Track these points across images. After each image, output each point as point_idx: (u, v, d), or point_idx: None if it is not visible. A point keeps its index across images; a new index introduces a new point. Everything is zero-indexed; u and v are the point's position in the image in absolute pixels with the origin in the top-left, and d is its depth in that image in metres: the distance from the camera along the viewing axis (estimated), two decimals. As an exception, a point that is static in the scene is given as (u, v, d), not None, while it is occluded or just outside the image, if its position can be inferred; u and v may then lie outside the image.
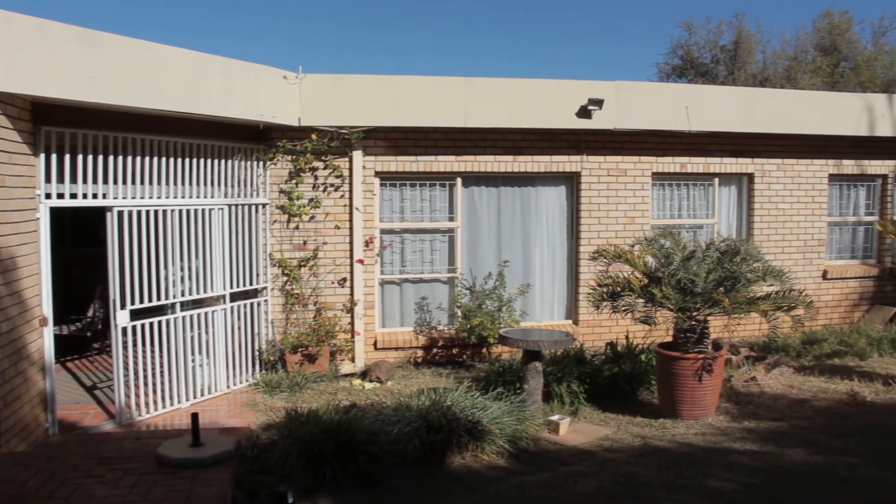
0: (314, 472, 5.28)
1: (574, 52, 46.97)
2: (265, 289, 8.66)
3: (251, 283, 8.40)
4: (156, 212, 7.16)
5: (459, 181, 9.48)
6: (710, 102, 9.88)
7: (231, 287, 8.04)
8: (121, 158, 6.89)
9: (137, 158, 7.04)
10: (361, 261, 8.96)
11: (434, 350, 9.32)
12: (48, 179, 6.39)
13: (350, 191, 8.93)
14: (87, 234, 10.92)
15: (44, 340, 6.42)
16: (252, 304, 8.42)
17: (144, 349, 7.10)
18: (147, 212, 7.06)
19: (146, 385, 7.29)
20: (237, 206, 8.17)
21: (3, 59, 5.59)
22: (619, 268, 7.74)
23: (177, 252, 7.36)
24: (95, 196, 6.71)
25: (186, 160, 7.54)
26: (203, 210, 7.66)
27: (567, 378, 7.47)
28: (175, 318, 7.39)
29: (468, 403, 6.17)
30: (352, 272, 8.99)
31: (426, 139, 9.19)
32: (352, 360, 9.01)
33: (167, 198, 7.33)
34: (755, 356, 9.19)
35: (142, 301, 6.99)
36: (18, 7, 5.53)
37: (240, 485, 5.33)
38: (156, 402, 7.33)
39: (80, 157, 6.56)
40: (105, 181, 6.78)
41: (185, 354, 7.54)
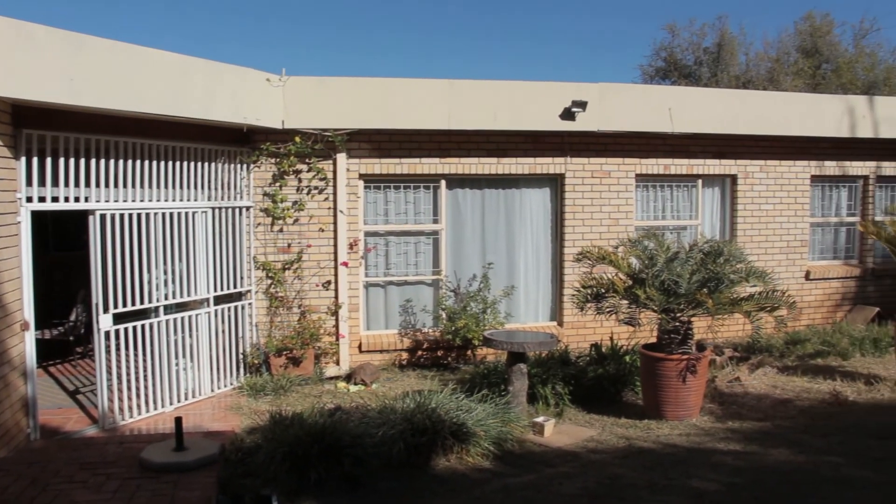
0: (299, 476, 5.26)
1: (558, 55, 47.14)
2: (249, 292, 8.63)
3: (235, 287, 8.36)
4: (139, 215, 7.12)
5: (444, 183, 9.48)
6: (694, 104, 9.94)
7: (215, 290, 8.00)
8: (103, 161, 6.85)
9: (120, 161, 7.00)
10: (346, 263, 8.95)
11: (419, 352, 9.31)
12: (29, 183, 6.33)
13: (334, 193, 8.92)
14: (70, 238, 10.85)
15: (25, 345, 6.36)
16: (236, 308, 8.39)
17: (128, 353, 7.06)
18: (130, 215, 7.02)
19: (129, 389, 7.24)
20: (221, 210, 8.13)
21: (-17, 62, 5.55)
22: (604, 269, 7.76)
23: (160, 255, 7.33)
24: (78, 199, 6.66)
25: (169, 163, 7.50)
26: (186, 213, 7.62)
27: (552, 380, 7.48)
28: (158, 322, 7.35)
29: (453, 406, 6.17)
30: (336, 275, 8.97)
31: (410, 141, 9.19)
32: (336, 363, 9.00)
33: (150, 201, 7.29)
34: (739, 357, 9.25)
35: (125, 305, 6.94)
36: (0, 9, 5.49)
37: (224, 489, 5.31)
38: (139, 407, 7.28)
39: (62, 161, 6.51)
40: (87, 184, 6.73)
41: (169, 358, 7.50)
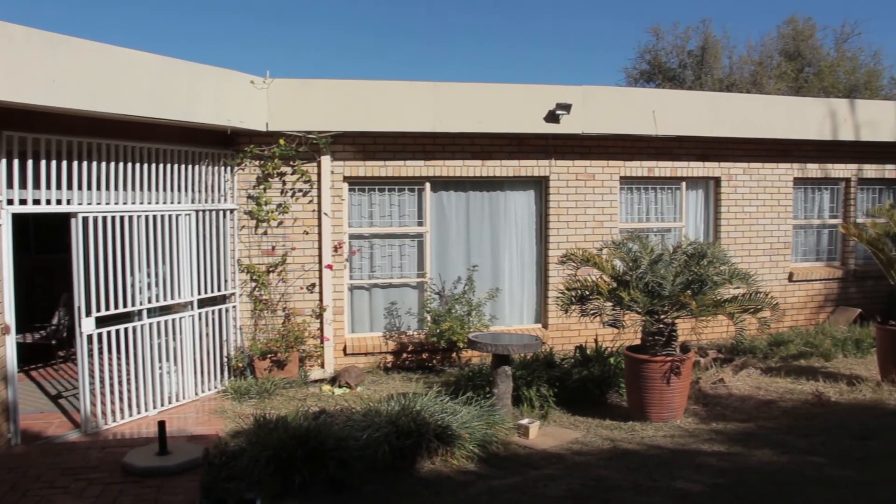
0: (283, 479, 5.25)
1: (542, 57, 47.28)
2: (233, 295, 8.58)
3: (219, 289, 8.32)
4: (122, 218, 7.07)
5: (428, 186, 9.48)
6: (677, 107, 9.99)
7: (199, 293, 7.95)
8: (86, 164, 6.80)
9: (103, 164, 6.95)
10: (330, 266, 8.92)
11: (404, 355, 9.30)
12: (10, 185, 6.27)
13: (318, 196, 8.90)
14: (52, 241, 10.76)
15: (6, 349, 6.29)
16: (220, 311, 8.34)
17: (111, 357, 7.00)
18: (113, 218, 6.97)
19: (112, 393, 7.18)
20: (204, 212, 8.09)
21: (-37, 63, 5.49)
22: (588, 271, 7.78)
23: (143, 258, 7.28)
24: (60, 202, 6.61)
25: (153, 165, 7.46)
26: (170, 216, 7.58)
27: (537, 382, 7.49)
28: (142, 325, 7.30)
29: (438, 408, 6.17)
30: (321, 277, 8.95)
31: (395, 144, 9.18)
32: (321, 366, 8.96)
33: (133, 203, 7.24)
34: (723, 358, 9.29)
35: (108, 308, 6.89)
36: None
37: (207, 493, 5.28)
38: (122, 411, 7.22)
39: (44, 163, 6.45)
40: (70, 187, 6.67)
41: (153, 362, 7.45)
